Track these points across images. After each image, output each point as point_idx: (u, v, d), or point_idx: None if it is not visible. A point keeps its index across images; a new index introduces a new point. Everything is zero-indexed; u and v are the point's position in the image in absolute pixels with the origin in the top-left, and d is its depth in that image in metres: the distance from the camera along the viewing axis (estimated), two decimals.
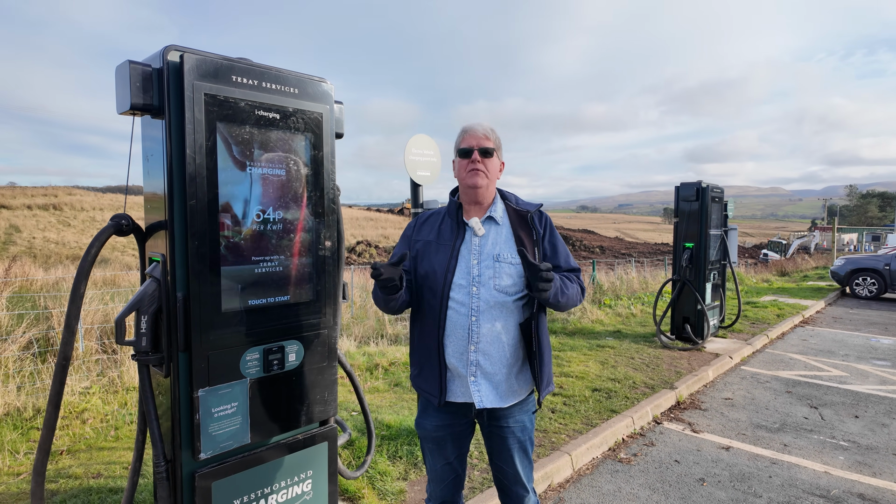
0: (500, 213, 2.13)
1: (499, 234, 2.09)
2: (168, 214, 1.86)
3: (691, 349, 7.34)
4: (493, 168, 2.10)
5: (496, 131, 2.13)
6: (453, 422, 2.14)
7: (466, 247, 2.07)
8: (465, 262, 2.05)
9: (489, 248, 2.06)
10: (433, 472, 2.24)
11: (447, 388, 2.08)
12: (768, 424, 4.82)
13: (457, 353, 2.04)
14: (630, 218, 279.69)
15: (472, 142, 2.07)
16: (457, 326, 2.03)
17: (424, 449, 2.25)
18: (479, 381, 2.03)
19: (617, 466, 3.97)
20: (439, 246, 2.11)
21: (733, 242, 8.62)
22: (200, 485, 1.92)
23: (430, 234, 2.16)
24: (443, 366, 2.07)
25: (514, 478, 2.16)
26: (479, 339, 2.01)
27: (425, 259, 2.11)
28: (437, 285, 2.05)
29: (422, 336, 2.13)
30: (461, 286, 2.03)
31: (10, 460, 3.67)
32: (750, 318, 9.83)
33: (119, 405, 4.66)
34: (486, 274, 2.02)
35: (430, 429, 2.16)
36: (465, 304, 2.02)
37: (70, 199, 40.73)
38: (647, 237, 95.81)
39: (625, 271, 16.05)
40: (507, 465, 2.15)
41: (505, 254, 2.04)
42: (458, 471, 2.23)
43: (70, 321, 1.86)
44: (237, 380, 1.99)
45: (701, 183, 7.55)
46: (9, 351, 5.34)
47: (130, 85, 1.79)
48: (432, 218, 2.22)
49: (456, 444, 2.17)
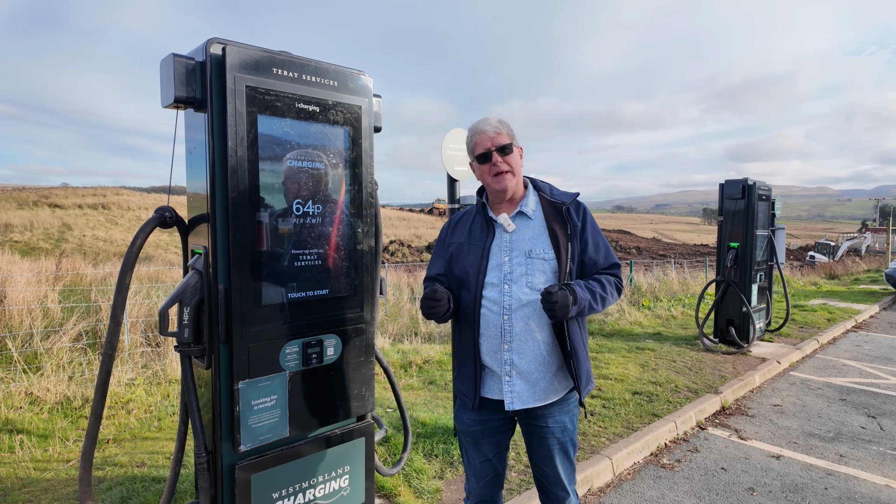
0: (531, 206, 2.06)
1: (531, 228, 2.02)
2: (210, 206, 1.86)
3: (736, 353, 7.06)
4: (516, 162, 2.03)
5: (505, 121, 2.05)
6: (489, 417, 2.09)
7: (497, 244, 2.02)
8: (496, 261, 2.00)
9: (521, 244, 2.00)
10: (472, 468, 2.18)
11: (482, 385, 2.04)
12: (822, 433, 4.57)
13: (491, 352, 1.99)
14: (668, 218, 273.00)
15: (486, 143, 1.99)
16: (490, 325, 1.98)
17: (462, 444, 2.20)
18: (513, 381, 1.98)
19: (660, 472, 3.82)
20: (471, 246, 2.07)
21: (781, 243, 8.26)
22: (240, 477, 1.92)
23: (462, 236, 2.12)
24: (478, 366, 2.03)
25: (554, 479, 2.09)
26: (513, 338, 1.96)
27: (459, 261, 2.08)
28: (470, 285, 2.02)
29: (460, 337, 2.10)
30: (493, 284, 1.98)
31: (61, 447, 3.81)
32: (798, 322, 9.40)
33: (162, 397, 4.78)
34: (517, 271, 1.96)
35: (468, 423, 2.12)
36: (497, 302, 1.97)
37: (117, 199, 42.51)
38: (685, 238, 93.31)
39: (664, 272, 15.62)
40: (548, 466, 2.08)
41: (538, 249, 1.97)
42: (497, 468, 2.17)
43: (116, 311, 1.88)
44: (276, 373, 1.99)
45: (747, 180, 7.25)
46: (60, 343, 5.56)
47: (174, 78, 1.80)
48: (464, 219, 2.18)
49: (493, 441, 2.12)
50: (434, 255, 2.24)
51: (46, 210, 37.03)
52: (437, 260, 2.20)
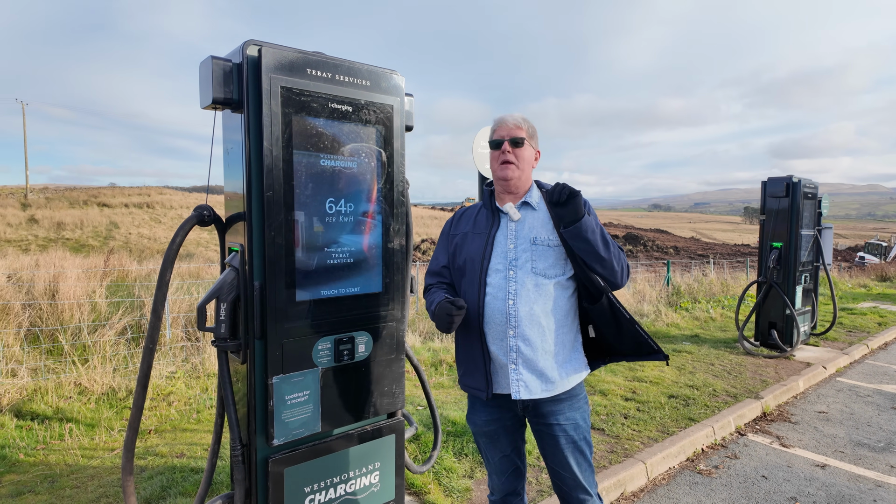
0: (535, 199, 2.11)
1: (536, 218, 2.07)
2: (246, 205, 1.91)
3: (778, 357, 6.80)
4: (525, 157, 2.07)
5: (531, 122, 2.10)
6: (502, 415, 2.10)
7: (502, 233, 2.06)
8: (500, 248, 2.03)
9: (526, 231, 2.04)
10: (492, 465, 2.20)
11: (493, 379, 2.03)
12: (871, 443, 4.36)
13: (496, 338, 2.00)
14: (707, 217, 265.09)
15: (502, 132, 2.05)
16: (495, 312, 1.99)
17: (479, 444, 2.21)
18: (519, 370, 1.97)
19: (696, 478, 3.72)
20: (475, 235, 2.10)
21: (828, 243, 7.91)
22: (273, 470, 1.96)
23: (466, 226, 2.16)
24: (486, 355, 2.03)
25: (573, 482, 2.06)
26: (518, 324, 1.96)
27: (462, 250, 2.11)
28: (474, 273, 2.04)
29: (465, 329, 2.09)
30: (498, 270, 2.01)
31: (107, 436, 3.98)
32: (846, 326, 8.98)
33: (201, 390, 4.93)
34: (522, 257, 1.99)
35: (481, 423, 2.14)
36: (501, 287, 1.99)
37: (161, 199, 44.10)
38: (725, 238, 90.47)
39: (702, 273, 15.19)
40: (564, 468, 2.05)
41: (542, 236, 2.01)
42: (516, 462, 2.18)
43: (157, 307, 1.95)
44: (309, 368, 2.02)
45: (792, 178, 6.97)
46: (106, 336, 5.81)
47: (212, 79, 1.85)
48: (469, 211, 2.23)
49: (510, 438, 2.14)
50: (437, 249, 2.27)
51: (95, 209, 38.75)
52: (441, 253, 2.23)
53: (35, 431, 3.99)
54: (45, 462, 3.56)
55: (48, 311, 6.49)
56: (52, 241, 29.01)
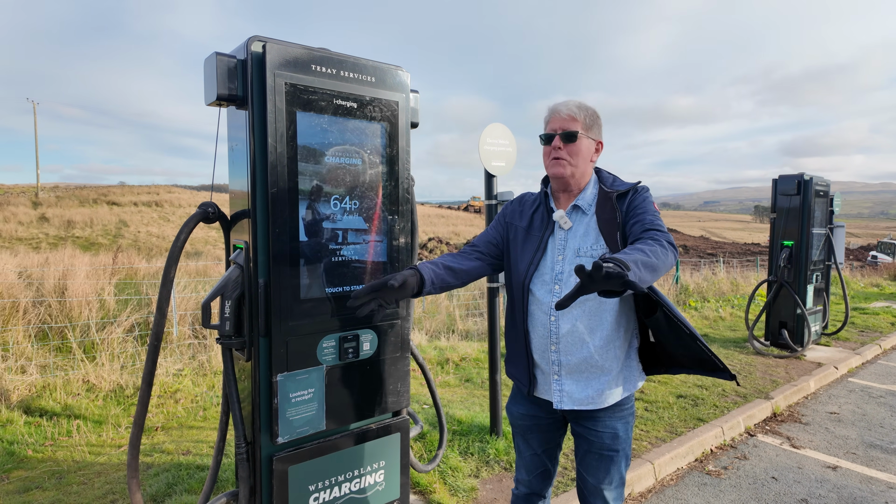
0: (588, 199, 1.93)
1: (583, 224, 1.90)
2: (251, 202, 1.90)
3: (789, 357, 6.72)
4: (580, 152, 1.88)
5: (587, 107, 1.90)
6: (539, 413, 2.02)
7: (553, 241, 1.92)
8: (550, 258, 1.90)
9: (573, 241, 1.88)
10: (522, 458, 2.13)
11: (536, 381, 1.95)
12: (884, 444, 4.29)
13: (539, 349, 1.91)
14: (716, 216, 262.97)
15: (555, 125, 1.88)
16: (537, 324, 1.90)
17: (514, 434, 2.15)
18: (562, 381, 1.88)
19: (705, 479, 3.68)
20: (529, 236, 1.97)
21: (840, 241, 7.80)
22: (278, 468, 1.95)
23: (524, 221, 2.01)
24: (529, 358, 1.94)
25: (593, 490, 1.98)
26: (559, 340, 1.85)
27: (514, 247, 1.99)
28: (519, 276, 1.94)
29: (512, 317, 2.00)
30: (544, 282, 1.88)
31: (114, 433, 3.99)
32: (858, 326, 8.87)
33: (207, 387, 4.95)
34: (567, 270, 1.84)
35: (518, 416, 2.08)
36: (545, 301, 1.87)
37: (169, 197, 44.35)
38: (735, 237, 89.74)
39: (712, 272, 15.06)
40: (589, 474, 1.96)
41: (586, 246, 1.85)
42: (546, 464, 2.10)
43: (161, 304, 1.94)
44: (314, 366, 2.01)
45: (803, 175, 6.88)
46: (114, 333, 5.84)
47: (217, 76, 1.84)
48: (527, 201, 2.07)
49: (542, 437, 2.05)
50: (490, 227, 2.12)
51: (105, 207, 39.06)
52: (491, 231, 2.08)
53: (43, 428, 4.02)
54: (53, 458, 3.58)
55: (57, 309, 6.54)
56: (63, 239, 29.26)
